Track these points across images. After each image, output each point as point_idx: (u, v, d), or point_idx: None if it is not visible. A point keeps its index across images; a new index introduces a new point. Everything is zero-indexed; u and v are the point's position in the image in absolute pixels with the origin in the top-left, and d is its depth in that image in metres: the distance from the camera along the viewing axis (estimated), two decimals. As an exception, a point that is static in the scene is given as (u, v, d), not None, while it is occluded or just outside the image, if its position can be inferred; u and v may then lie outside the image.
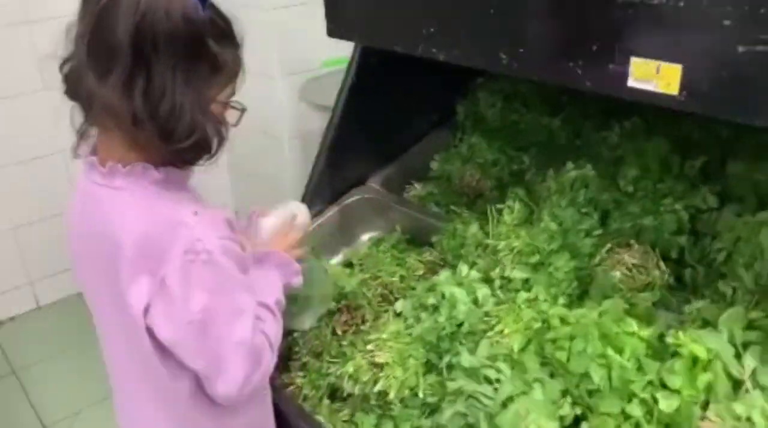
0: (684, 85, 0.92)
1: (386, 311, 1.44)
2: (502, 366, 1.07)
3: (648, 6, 0.93)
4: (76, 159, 1.02)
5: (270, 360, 1.06)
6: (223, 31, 0.98)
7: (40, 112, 2.30)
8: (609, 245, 1.31)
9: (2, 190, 2.70)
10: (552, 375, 1.06)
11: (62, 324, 2.80)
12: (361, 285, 1.49)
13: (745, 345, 1.01)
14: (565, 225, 1.33)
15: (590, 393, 1.02)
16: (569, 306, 1.25)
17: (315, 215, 1.77)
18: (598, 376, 1.02)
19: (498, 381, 1.06)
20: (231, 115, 1.06)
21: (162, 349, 1.00)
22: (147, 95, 0.91)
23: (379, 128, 1.83)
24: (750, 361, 0.99)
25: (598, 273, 1.27)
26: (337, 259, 1.73)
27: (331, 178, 1.78)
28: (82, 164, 1.02)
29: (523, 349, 1.12)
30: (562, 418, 1.00)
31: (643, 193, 1.36)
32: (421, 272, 1.57)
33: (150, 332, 0.98)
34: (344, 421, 1.29)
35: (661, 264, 1.26)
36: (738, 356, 1.00)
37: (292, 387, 1.37)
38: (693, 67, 0.91)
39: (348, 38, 1.50)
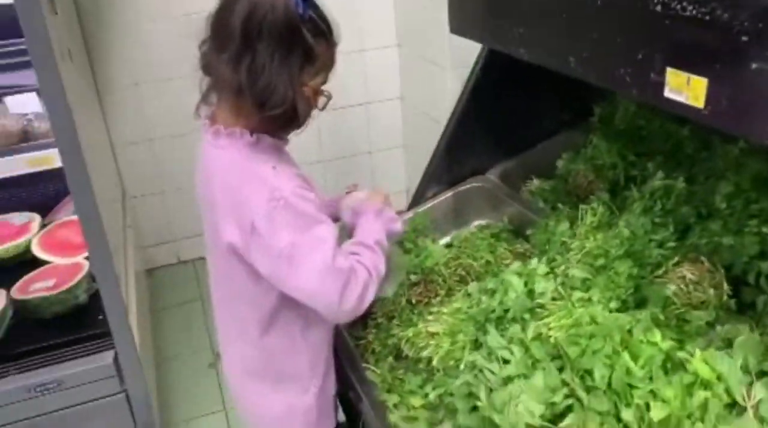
0: (708, 99, 0.92)
1: (460, 290, 1.54)
2: (515, 349, 1.14)
3: (680, 17, 0.93)
4: (196, 119, 1.28)
5: (368, 280, 1.22)
6: (321, 29, 1.17)
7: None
8: (677, 258, 1.28)
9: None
10: (561, 369, 1.11)
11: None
12: (444, 265, 1.61)
13: (763, 374, 0.97)
14: (636, 233, 1.33)
15: (588, 389, 1.05)
16: (621, 311, 1.26)
17: (431, 197, 1.93)
18: (599, 374, 1.05)
19: (507, 361, 1.13)
20: (320, 101, 1.26)
21: (256, 275, 1.23)
22: (250, 71, 1.13)
23: (504, 123, 1.91)
24: (759, 391, 0.95)
25: (654, 284, 1.25)
26: (444, 240, 1.86)
27: (450, 165, 1.91)
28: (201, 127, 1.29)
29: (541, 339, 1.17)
30: (553, 405, 1.05)
31: (730, 211, 1.30)
32: (508, 261, 1.64)
33: (247, 264, 1.23)
34: (398, 378, 1.43)
35: (724, 285, 1.21)
36: (752, 384, 0.97)
37: (364, 341, 1.55)
38: (715, 81, 0.90)
39: (465, 35, 1.61)
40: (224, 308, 1.39)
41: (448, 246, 1.79)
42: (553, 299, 1.35)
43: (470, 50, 2.75)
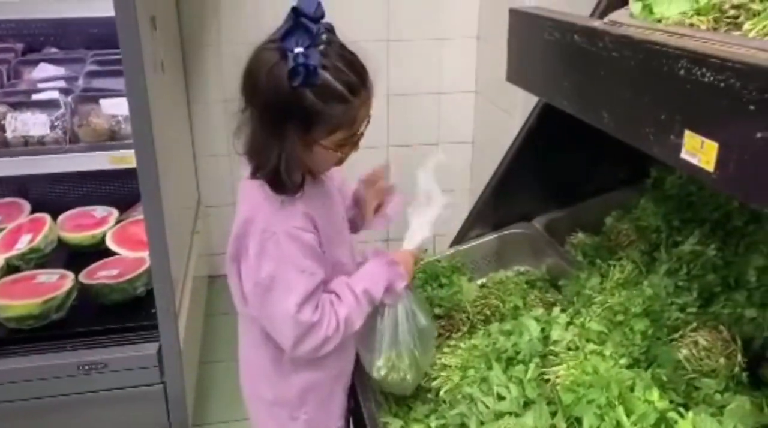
0: (718, 164, 0.93)
1: (481, 330, 1.57)
2: (513, 387, 1.16)
3: (700, 82, 0.96)
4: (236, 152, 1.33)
5: (330, 336, 1.25)
6: (336, 93, 1.13)
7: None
8: (695, 324, 1.27)
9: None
10: (554, 414, 1.12)
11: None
12: (471, 303, 1.64)
13: (753, 447, 0.96)
14: (658, 293, 1.33)
15: (575, 436, 1.06)
16: (631, 368, 1.26)
17: (474, 237, 1.97)
18: (588, 424, 1.05)
19: (503, 398, 1.15)
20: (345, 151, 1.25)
21: None
22: (251, 130, 1.19)
23: (557, 173, 1.94)
24: (745, 462, 0.94)
25: (666, 346, 1.24)
26: (481, 281, 1.89)
27: (496, 209, 1.95)
28: None
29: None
30: (538, 447, 1.07)
31: (758, 284, 1.28)
32: (539, 309, 1.66)
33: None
34: (407, 405, 1.47)
35: (738, 356, 1.19)
36: (740, 455, 0.96)
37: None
38: (725, 146, 0.92)
39: (518, 84, 1.67)
40: (238, 322, 1.47)
41: (482, 286, 1.82)
42: (568, 349, 1.36)
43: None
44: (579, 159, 1.92)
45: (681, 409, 1.04)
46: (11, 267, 2.36)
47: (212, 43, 3.09)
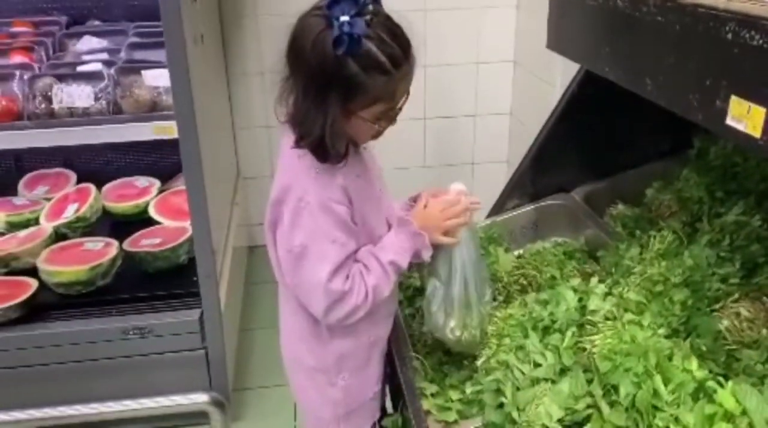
0: (765, 129, 0.91)
1: (517, 299, 1.57)
2: (549, 354, 1.17)
3: (748, 46, 0.93)
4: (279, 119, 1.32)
5: (359, 304, 1.27)
6: (377, 63, 1.12)
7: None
8: (737, 295, 1.25)
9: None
10: (590, 381, 1.12)
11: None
12: (508, 273, 1.64)
13: (795, 417, 0.95)
14: (699, 264, 1.31)
15: (611, 404, 1.06)
16: (669, 338, 1.25)
17: (511, 208, 1.96)
18: (624, 391, 1.05)
19: (538, 365, 1.16)
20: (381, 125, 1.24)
21: None
22: (294, 98, 1.20)
23: (597, 144, 1.90)
24: (785, 432, 0.93)
25: (707, 316, 1.23)
26: (517, 251, 1.89)
27: (534, 180, 1.93)
28: None
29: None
30: (573, 412, 1.07)
31: (806, 255, 1.25)
32: (576, 279, 1.65)
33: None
34: (442, 371, 1.48)
35: (781, 327, 1.17)
36: (780, 424, 0.95)
37: (418, 333, 1.61)
38: (774, 112, 0.90)
39: (560, 52, 1.64)
40: (279, 290, 1.49)
41: (519, 257, 1.82)
42: (606, 319, 1.35)
43: (582, 72, 2.70)
44: (619, 129, 1.89)
45: (720, 379, 1.03)
46: (59, 235, 2.44)
47: (250, 15, 3.10)
